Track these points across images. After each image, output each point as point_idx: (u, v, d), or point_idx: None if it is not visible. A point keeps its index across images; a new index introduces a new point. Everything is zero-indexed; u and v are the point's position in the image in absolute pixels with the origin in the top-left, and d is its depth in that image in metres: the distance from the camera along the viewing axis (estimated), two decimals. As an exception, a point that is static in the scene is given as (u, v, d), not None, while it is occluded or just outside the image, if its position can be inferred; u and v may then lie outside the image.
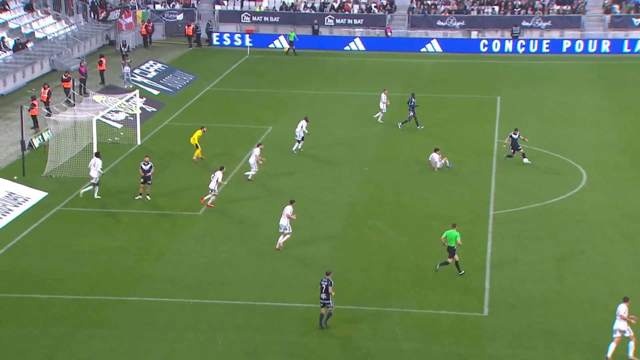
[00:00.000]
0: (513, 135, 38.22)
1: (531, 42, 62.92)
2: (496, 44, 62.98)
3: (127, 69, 52.28)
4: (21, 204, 33.50)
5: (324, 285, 24.40)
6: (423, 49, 63.38)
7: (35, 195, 34.38)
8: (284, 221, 29.48)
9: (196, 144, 38.42)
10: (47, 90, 44.87)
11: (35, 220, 32.16)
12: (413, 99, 43.56)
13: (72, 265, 28.43)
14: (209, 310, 25.59)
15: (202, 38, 65.46)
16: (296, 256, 29.26)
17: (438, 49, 63.26)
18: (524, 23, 64.51)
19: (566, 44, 62.71)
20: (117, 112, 44.59)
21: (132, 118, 43.81)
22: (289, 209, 29.53)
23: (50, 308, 25.66)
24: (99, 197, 34.08)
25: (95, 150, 36.05)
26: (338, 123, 44.89)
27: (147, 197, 34.07)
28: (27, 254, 29.43)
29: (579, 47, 62.42)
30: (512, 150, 38.19)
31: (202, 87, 53.17)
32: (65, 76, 47.99)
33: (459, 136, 42.49)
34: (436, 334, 24.40)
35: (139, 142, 41.64)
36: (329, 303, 24.39)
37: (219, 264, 28.64)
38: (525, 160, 37.89)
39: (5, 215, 32.26)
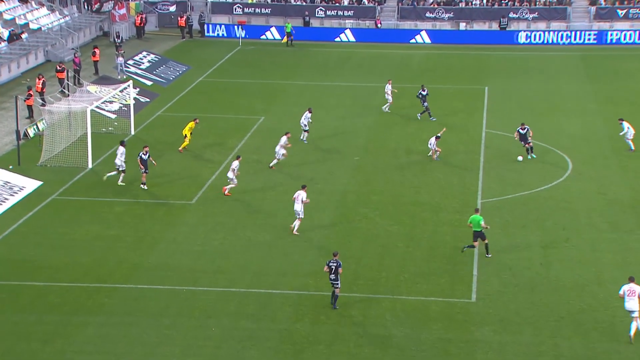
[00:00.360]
0: (520, 130, 37.16)
1: (518, 33, 62.95)
2: (484, 35, 63.01)
3: (120, 59, 52.05)
4: (17, 192, 33.37)
5: (332, 267, 24.65)
6: (412, 40, 63.32)
7: (31, 184, 34.25)
8: (297, 206, 29.69)
9: (185, 135, 38.20)
10: (41, 81, 44.63)
11: (30, 208, 32.04)
12: (422, 91, 43.35)
13: (68, 253, 28.35)
14: (202, 298, 25.57)
15: (195, 29, 65.21)
16: (289, 245, 29.25)
17: (427, 40, 63.22)
18: (511, 15, 64.50)
19: (552, 35, 62.77)
20: (111, 102, 44.42)
21: (125, 108, 43.65)
22: (302, 194, 29.68)
23: (46, 295, 25.60)
24: (123, 183, 34.10)
25: (89, 138, 35.97)
26: (329, 113, 44.83)
27: (142, 185, 34.03)
28: (22, 242, 29.34)
29: (565, 38, 62.49)
30: (522, 143, 37.14)
31: (195, 78, 53.00)
32: (60, 67, 47.72)
33: (447, 126, 42.48)
34: (425, 320, 24.47)
35: (132, 132, 41.50)
36: (337, 283, 24.64)
37: (212, 253, 28.62)
38: (520, 158, 36.93)
39: (0, 204, 32.12)
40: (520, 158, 37.11)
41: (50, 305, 25.07)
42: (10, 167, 35.88)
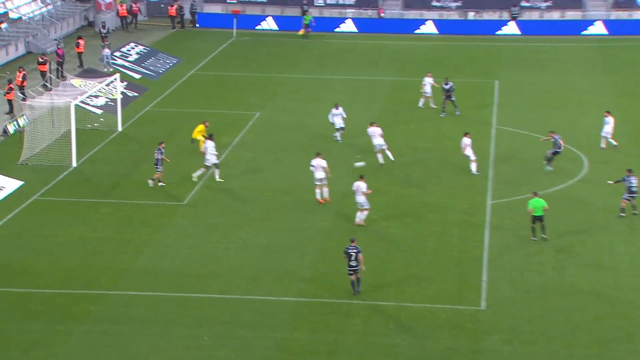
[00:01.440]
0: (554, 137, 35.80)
1: (531, 23, 62.92)
2: (494, 25, 62.98)
3: (106, 51, 52.07)
4: (-4, 193, 33.41)
5: (352, 253, 25.44)
6: (418, 31, 63.32)
7: (11, 184, 34.28)
8: (360, 198, 30.23)
9: (194, 139, 37.62)
10: (22, 74, 44.59)
11: (10, 210, 32.07)
12: (446, 85, 43.27)
13: (50, 257, 28.38)
14: (193, 305, 25.61)
15: (186, 19, 65.20)
16: (286, 248, 29.28)
17: (433, 30, 63.23)
18: (523, 3, 64.49)
19: (567, 25, 62.76)
20: (96, 96, 44.44)
21: (112, 103, 43.67)
22: (363, 185, 30.26)
23: (28, 302, 25.63)
24: (222, 180, 34.25)
25: (73, 135, 36.05)
26: (328, 109, 44.78)
27: (150, 182, 34.01)
28: (2, 245, 29.36)
29: (581, 28, 62.47)
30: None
31: (186, 71, 53.02)
32: (42, 59, 47.72)
33: (454, 122, 42.51)
34: (431, 328, 24.51)
35: (119, 129, 41.52)
36: (358, 269, 25.50)
37: (204, 256, 28.65)
38: (549, 168, 35.75)
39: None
40: (549, 168, 35.77)
41: (32, 312, 25.10)
42: (-11, 165, 35.90)
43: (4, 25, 53.98)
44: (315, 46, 59.75)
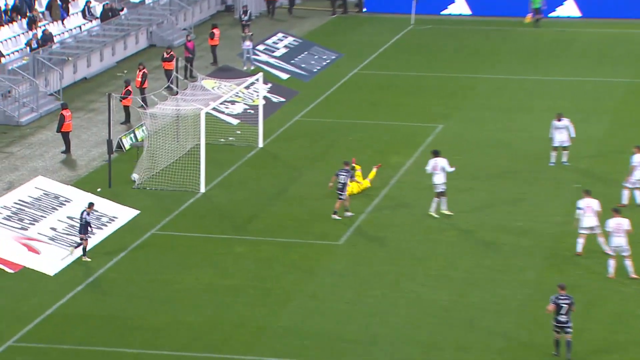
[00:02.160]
0: None
1: None
2: None
3: (247, 44, 53.41)
4: (106, 225, 34.65)
5: (564, 304, 25.35)
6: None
7: (124, 214, 35.48)
8: (620, 240, 29.96)
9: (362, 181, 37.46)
10: (142, 73, 46.30)
11: (123, 247, 33.20)
12: None
13: (169, 309, 29.16)
14: (350, 378, 25.72)
15: (350, 2, 66.06)
16: (475, 307, 28.92)
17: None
18: None
19: None
20: (233, 102, 45.59)
21: (252, 111, 44.67)
22: (625, 223, 30.01)
23: (140, 366, 26.44)
24: (451, 212, 34.54)
25: (203, 152, 36.99)
26: (538, 120, 44.18)
27: (347, 212, 34.62)
28: (112, 292, 30.39)
29: None
30: None
31: (348, 70, 53.62)
32: (167, 54, 49.45)
33: None
34: None
35: (260, 144, 42.35)
36: (570, 328, 25.48)
37: (364, 315, 28.71)
38: None
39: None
40: None
41: (145, 379, 25.91)
42: (99, 189, 37.30)
43: (123, 12, 56.30)
44: (521, 37, 59.06)
